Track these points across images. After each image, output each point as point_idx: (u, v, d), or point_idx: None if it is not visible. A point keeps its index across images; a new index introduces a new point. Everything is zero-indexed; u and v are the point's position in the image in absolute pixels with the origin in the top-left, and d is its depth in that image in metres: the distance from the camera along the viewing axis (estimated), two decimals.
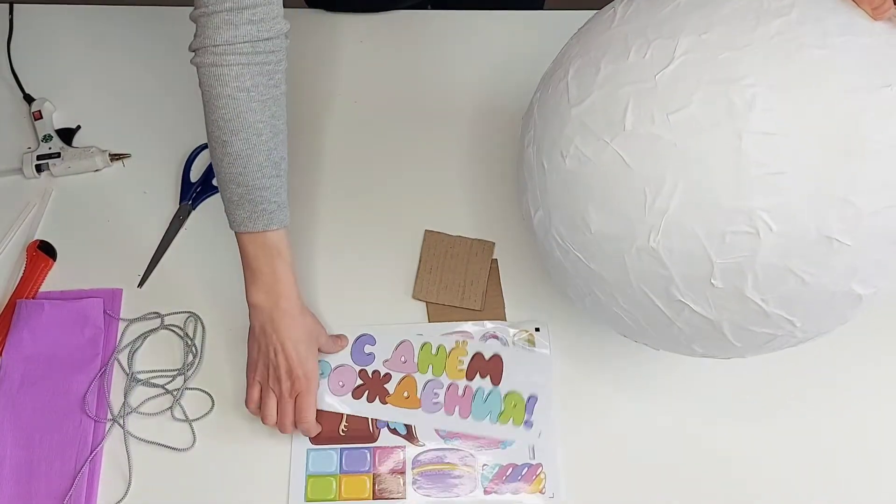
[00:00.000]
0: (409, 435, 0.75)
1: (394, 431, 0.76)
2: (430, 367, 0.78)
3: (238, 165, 0.68)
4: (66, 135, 0.89)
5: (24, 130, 0.91)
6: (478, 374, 0.78)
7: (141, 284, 0.83)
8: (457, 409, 0.76)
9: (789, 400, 0.77)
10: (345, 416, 0.76)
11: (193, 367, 0.79)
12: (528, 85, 0.93)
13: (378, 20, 0.99)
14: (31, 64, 0.94)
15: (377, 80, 0.95)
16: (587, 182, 0.57)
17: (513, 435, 0.75)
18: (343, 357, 0.79)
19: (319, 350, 0.76)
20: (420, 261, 0.84)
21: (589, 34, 0.62)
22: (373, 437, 0.75)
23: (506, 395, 0.77)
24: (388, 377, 0.78)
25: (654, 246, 0.54)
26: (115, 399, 0.77)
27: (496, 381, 0.78)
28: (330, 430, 0.76)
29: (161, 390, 0.78)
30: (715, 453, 0.75)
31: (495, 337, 0.79)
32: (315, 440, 0.75)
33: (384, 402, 0.77)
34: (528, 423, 0.76)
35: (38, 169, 0.87)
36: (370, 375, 0.78)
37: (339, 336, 0.79)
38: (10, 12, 0.96)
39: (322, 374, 0.77)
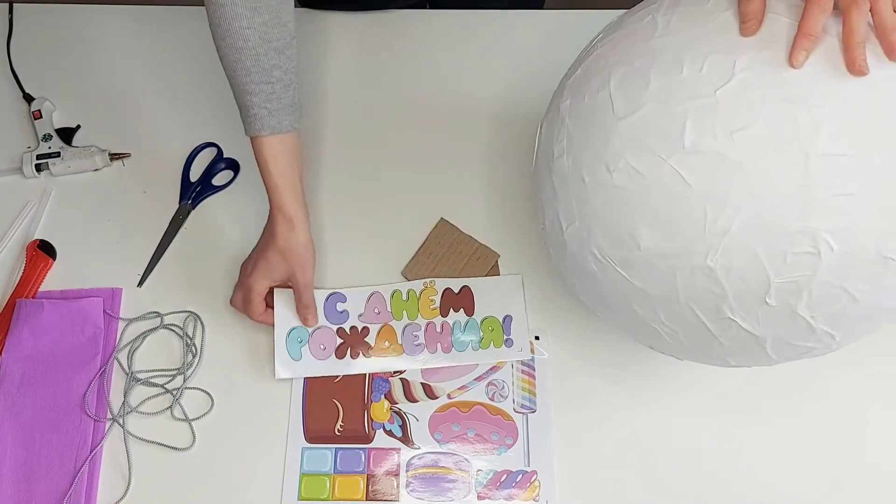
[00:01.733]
0: (405, 437, 0.76)
1: (389, 433, 0.76)
2: (405, 312, 0.80)
3: (229, 70, 0.72)
4: (66, 134, 0.90)
5: (23, 130, 0.91)
6: (451, 308, 0.81)
7: (140, 284, 0.83)
8: (438, 345, 0.79)
9: (794, 406, 0.77)
10: (340, 416, 0.77)
11: (193, 367, 0.79)
12: (528, 83, 0.94)
13: (377, 20, 0.99)
14: (31, 63, 0.95)
15: (377, 80, 0.95)
16: (638, 199, 0.55)
17: (497, 356, 0.78)
18: (318, 319, 0.80)
19: (288, 285, 0.78)
20: (423, 243, 0.84)
21: (627, 42, 0.60)
22: (368, 438, 0.76)
23: (482, 322, 0.80)
24: (366, 330, 0.80)
25: (712, 265, 0.54)
26: (115, 398, 0.77)
27: (469, 311, 0.80)
28: (325, 429, 0.76)
29: (161, 390, 0.78)
30: (716, 461, 0.75)
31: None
32: (310, 439, 0.75)
33: (367, 356, 0.79)
34: (509, 342, 0.79)
35: (38, 168, 0.88)
36: (348, 332, 0.79)
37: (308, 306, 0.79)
38: (10, 11, 0.96)
39: (301, 341, 0.78)
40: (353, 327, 0.80)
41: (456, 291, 0.81)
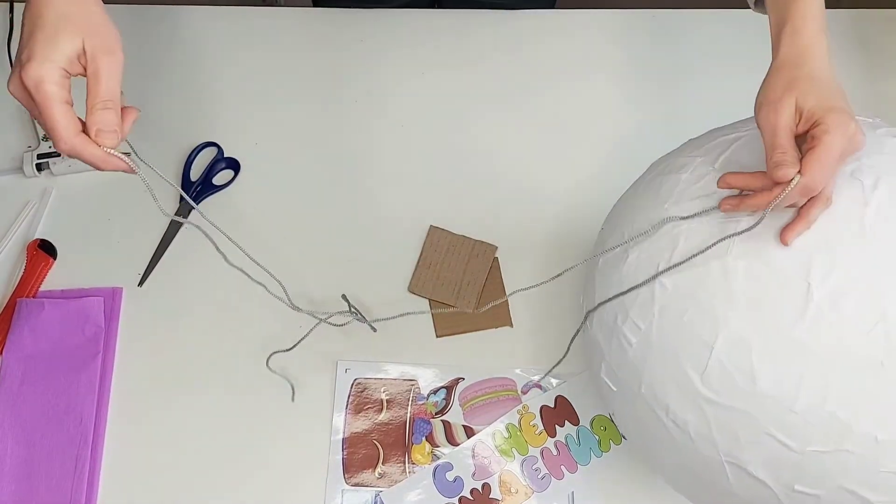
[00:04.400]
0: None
1: None
2: (514, 449, 0.76)
3: None
4: None
5: (24, 129, 0.91)
6: (556, 425, 0.77)
7: (141, 283, 0.83)
8: (563, 468, 0.75)
9: None
10: (381, 457, 0.75)
11: None
12: (534, 85, 0.94)
13: (378, 20, 0.98)
14: None
15: (377, 80, 0.95)
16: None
17: (621, 453, 0.75)
18: (433, 497, 0.74)
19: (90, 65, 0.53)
20: (421, 255, 0.84)
21: (636, 273, 0.58)
22: None
23: (592, 424, 0.77)
24: (487, 487, 0.74)
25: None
26: (116, 398, 0.77)
27: (574, 420, 0.77)
28: (366, 468, 0.75)
29: None
30: None
31: (538, 387, 0.78)
32: (350, 481, 0.74)
33: None
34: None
35: (39, 168, 0.87)
36: (472, 497, 0.74)
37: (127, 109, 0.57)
38: (11, 11, 0.96)
39: None
40: (473, 490, 0.74)
41: (552, 406, 0.77)
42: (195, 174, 0.88)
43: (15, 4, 0.97)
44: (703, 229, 0.56)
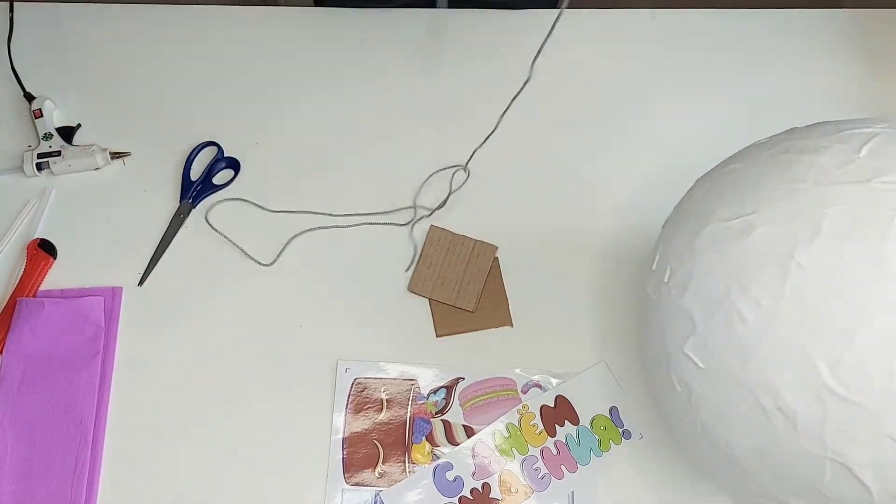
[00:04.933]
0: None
1: None
2: (514, 449, 0.76)
3: None
4: (67, 133, 0.89)
5: (24, 128, 0.91)
6: (556, 425, 0.77)
7: (141, 283, 0.83)
8: (563, 468, 0.75)
9: None
10: (381, 456, 0.75)
11: None
12: (537, 85, 0.93)
13: (378, 20, 0.99)
14: (32, 62, 0.94)
15: (377, 80, 0.95)
16: None
17: (621, 453, 0.75)
18: (433, 497, 0.74)
19: None
20: (421, 255, 0.84)
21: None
22: None
23: (592, 424, 0.77)
24: (487, 487, 0.75)
25: None
26: (116, 397, 0.77)
27: (575, 420, 0.77)
28: (366, 467, 0.75)
29: None
30: None
31: (538, 386, 0.78)
32: (350, 481, 0.74)
33: None
34: (627, 434, 0.76)
35: (39, 167, 0.87)
36: (471, 497, 0.74)
37: None
38: (11, 10, 0.96)
39: None
40: (473, 489, 0.74)
41: (552, 405, 0.77)
42: (195, 174, 0.88)
43: (15, 4, 0.97)
44: (851, 213, 0.52)
